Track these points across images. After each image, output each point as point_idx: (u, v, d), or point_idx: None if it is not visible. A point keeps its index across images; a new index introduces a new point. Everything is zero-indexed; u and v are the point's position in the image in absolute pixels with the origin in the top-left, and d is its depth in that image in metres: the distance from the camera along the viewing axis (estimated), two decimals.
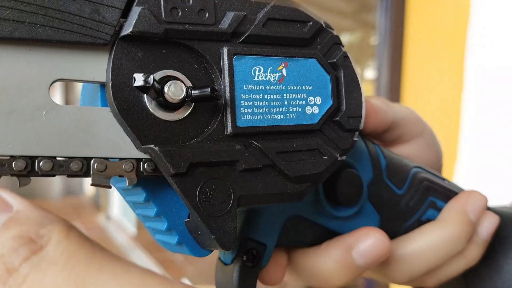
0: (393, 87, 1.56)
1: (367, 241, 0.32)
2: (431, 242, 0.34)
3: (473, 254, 0.36)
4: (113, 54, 0.24)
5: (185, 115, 0.25)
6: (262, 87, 0.27)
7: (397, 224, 0.36)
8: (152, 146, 0.23)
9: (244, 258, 0.31)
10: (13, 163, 0.21)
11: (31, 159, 0.22)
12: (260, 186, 0.26)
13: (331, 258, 0.32)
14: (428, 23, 1.48)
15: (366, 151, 0.35)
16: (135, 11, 0.24)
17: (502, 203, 0.43)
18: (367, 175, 0.34)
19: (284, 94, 0.27)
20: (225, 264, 0.32)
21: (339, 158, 0.29)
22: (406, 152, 0.40)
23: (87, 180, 0.24)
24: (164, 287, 0.19)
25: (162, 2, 0.24)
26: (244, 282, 0.31)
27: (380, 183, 0.35)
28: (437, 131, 0.43)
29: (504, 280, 0.36)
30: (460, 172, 1.21)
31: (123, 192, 0.29)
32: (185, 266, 2.95)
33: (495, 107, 1.18)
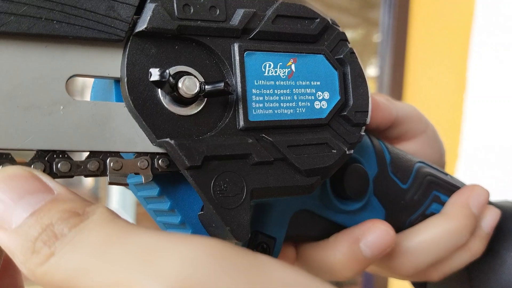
0: (395, 85, 1.55)
1: (374, 233, 0.32)
2: (435, 235, 0.35)
3: (477, 247, 0.37)
4: (127, 50, 0.24)
5: (198, 110, 0.26)
6: (272, 82, 0.27)
7: (402, 218, 0.37)
8: (167, 139, 0.24)
9: None
10: (31, 166, 0.22)
11: (49, 161, 0.22)
12: (272, 179, 0.26)
13: (340, 251, 0.33)
14: (432, 21, 1.48)
15: (371, 146, 0.36)
16: (149, 7, 0.24)
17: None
18: (372, 170, 0.35)
19: (294, 89, 0.28)
20: None
21: (347, 152, 0.29)
22: (409, 149, 0.40)
23: None
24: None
25: None
26: None
27: (385, 178, 0.36)
28: (439, 129, 0.43)
29: (508, 273, 0.37)
30: (461, 170, 1.22)
31: (135, 187, 0.29)
32: None
33: (497, 106, 1.19)
